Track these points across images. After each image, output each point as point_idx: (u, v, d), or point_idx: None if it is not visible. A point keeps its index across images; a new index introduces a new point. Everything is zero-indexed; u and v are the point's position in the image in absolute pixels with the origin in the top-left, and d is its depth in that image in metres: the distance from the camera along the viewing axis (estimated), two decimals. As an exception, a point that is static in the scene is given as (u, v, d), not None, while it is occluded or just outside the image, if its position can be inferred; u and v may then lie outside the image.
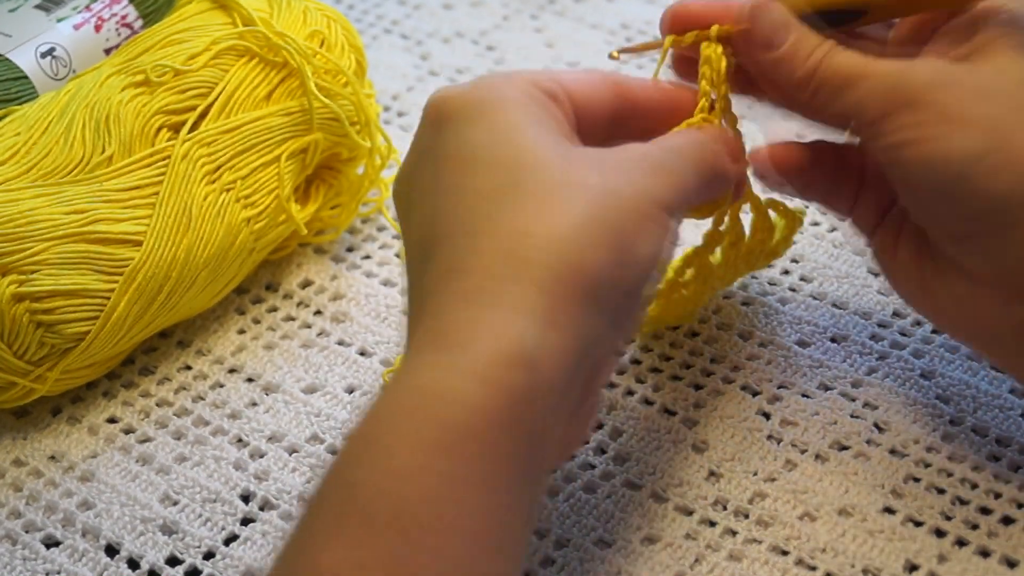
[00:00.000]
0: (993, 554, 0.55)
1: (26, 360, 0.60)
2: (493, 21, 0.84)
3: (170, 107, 0.64)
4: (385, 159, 0.71)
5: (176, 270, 0.62)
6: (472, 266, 0.46)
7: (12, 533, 0.58)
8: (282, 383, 0.64)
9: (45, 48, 0.70)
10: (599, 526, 0.56)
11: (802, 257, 0.67)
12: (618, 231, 0.47)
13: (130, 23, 0.71)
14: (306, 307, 0.67)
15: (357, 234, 0.71)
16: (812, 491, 0.57)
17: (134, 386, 0.64)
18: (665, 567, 0.55)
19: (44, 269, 0.59)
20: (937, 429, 0.59)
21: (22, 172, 0.61)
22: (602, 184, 0.47)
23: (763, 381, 0.62)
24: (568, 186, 0.47)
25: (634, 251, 0.47)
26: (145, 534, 0.58)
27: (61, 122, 0.63)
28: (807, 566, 0.55)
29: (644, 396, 0.61)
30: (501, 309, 0.45)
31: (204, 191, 0.63)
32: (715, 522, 0.56)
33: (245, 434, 0.62)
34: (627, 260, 0.47)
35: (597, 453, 0.59)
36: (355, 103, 0.67)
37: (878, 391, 0.61)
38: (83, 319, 0.60)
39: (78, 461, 0.61)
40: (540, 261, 0.46)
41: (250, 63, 0.65)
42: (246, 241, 0.64)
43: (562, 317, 0.45)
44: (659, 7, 0.84)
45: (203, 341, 0.66)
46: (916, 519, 0.56)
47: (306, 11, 0.68)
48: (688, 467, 0.58)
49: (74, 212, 0.60)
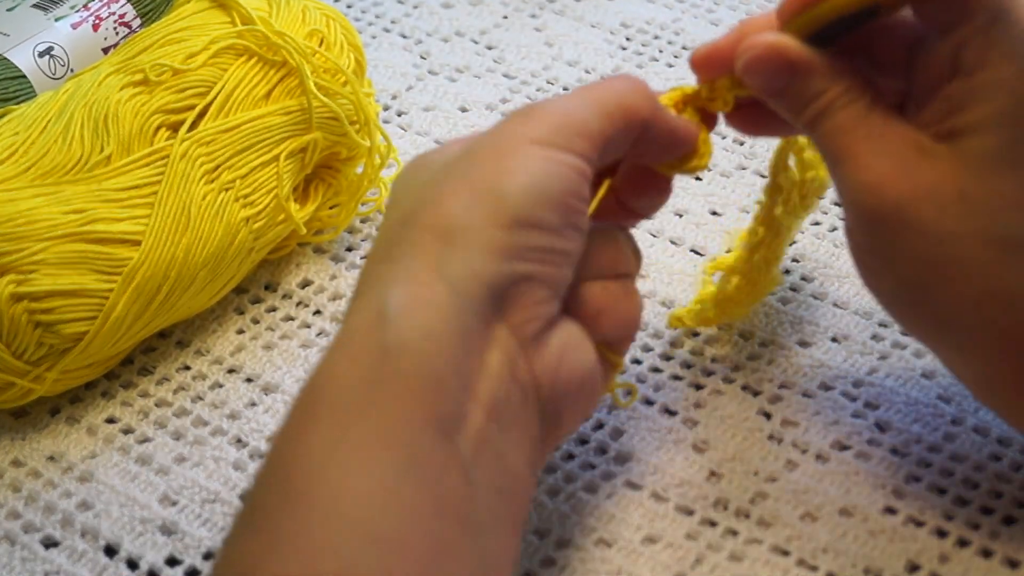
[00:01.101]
0: (995, 555, 0.55)
1: (24, 360, 0.60)
2: (493, 20, 0.83)
3: (169, 106, 0.63)
4: (384, 158, 0.71)
5: (175, 270, 0.62)
6: (378, 237, 0.50)
7: (11, 534, 0.58)
8: (281, 383, 0.64)
9: (43, 47, 0.70)
10: (600, 526, 0.56)
11: (803, 257, 0.67)
12: (478, 168, 0.49)
13: (128, 22, 0.71)
14: (305, 307, 0.67)
15: (356, 234, 0.71)
16: (813, 491, 0.57)
17: (133, 386, 0.64)
18: (666, 567, 0.55)
19: (42, 269, 0.59)
20: (938, 429, 0.59)
21: (20, 171, 0.61)
22: (470, 139, 0.51)
23: (764, 381, 0.61)
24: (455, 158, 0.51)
25: (499, 184, 0.48)
26: (144, 534, 0.58)
27: (59, 121, 0.63)
28: (808, 566, 0.55)
29: (644, 396, 0.61)
30: (375, 269, 0.49)
31: (203, 190, 0.63)
32: (716, 522, 0.56)
33: (244, 434, 0.61)
34: (491, 192, 0.48)
35: (598, 453, 0.59)
36: (354, 102, 0.67)
37: (879, 391, 0.61)
38: (82, 319, 0.60)
39: (77, 461, 0.61)
40: (412, 212, 0.49)
41: (249, 62, 0.65)
42: (245, 240, 0.64)
43: (424, 271, 0.47)
44: (659, 6, 0.84)
45: (202, 341, 0.66)
46: (917, 519, 0.56)
47: (305, 10, 0.68)
48: (689, 467, 0.58)
49: (72, 212, 0.60)
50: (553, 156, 0.49)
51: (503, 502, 0.47)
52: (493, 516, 0.47)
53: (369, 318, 0.47)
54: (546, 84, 0.79)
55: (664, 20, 0.83)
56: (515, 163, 0.49)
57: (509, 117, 0.51)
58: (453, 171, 0.49)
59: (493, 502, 0.46)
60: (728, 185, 0.71)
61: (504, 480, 0.47)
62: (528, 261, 0.48)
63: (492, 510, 0.46)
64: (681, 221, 0.70)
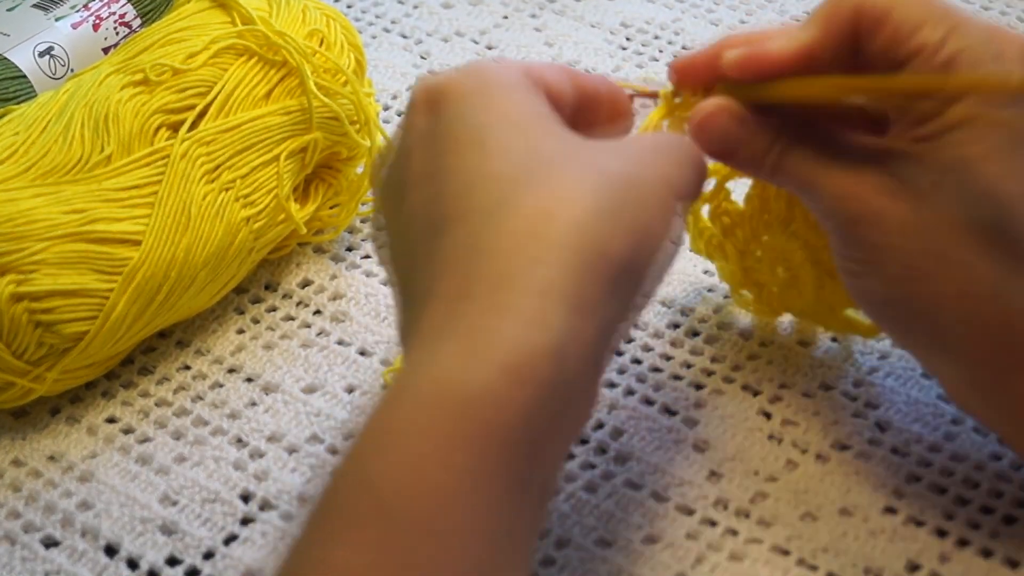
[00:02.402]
0: (995, 554, 0.55)
1: (25, 360, 0.60)
2: (493, 20, 0.83)
3: (169, 106, 0.63)
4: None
5: (175, 269, 0.62)
6: (493, 247, 0.45)
7: (11, 533, 0.58)
8: (281, 383, 0.64)
9: (43, 47, 0.70)
10: (600, 526, 0.56)
11: (803, 256, 0.67)
12: (639, 216, 0.46)
13: (128, 22, 0.71)
14: (305, 307, 0.67)
15: (357, 233, 0.71)
16: (813, 491, 0.57)
17: (133, 386, 0.64)
18: (666, 567, 0.55)
19: (43, 269, 0.59)
20: (939, 428, 0.59)
21: (20, 171, 0.61)
22: (623, 170, 0.47)
23: (764, 381, 0.61)
24: (589, 171, 0.46)
25: (651, 237, 0.47)
26: (144, 534, 0.58)
27: (60, 121, 0.63)
28: (808, 566, 0.55)
29: (645, 396, 0.61)
30: (529, 294, 0.43)
31: (203, 190, 0.63)
32: (716, 522, 0.56)
33: (244, 434, 0.61)
34: (645, 246, 0.46)
35: (598, 453, 0.59)
36: (354, 102, 0.67)
37: (879, 390, 0.61)
38: (82, 319, 0.60)
39: (77, 461, 0.61)
40: (568, 244, 0.44)
41: (249, 62, 0.65)
42: (245, 240, 0.64)
43: (588, 303, 0.44)
44: (659, 7, 0.84)
45: (202, 341, 0.66)
46: (918, 519, 0.56)
47: (305, 10, 0.68)
48: (689, 467, 0.58)
49: (73, 211, 0.60)
50: (680, 219, 0.49)
51: (543, 511, 0.47)
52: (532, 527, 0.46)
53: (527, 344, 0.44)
54: (546, 84, 0.79)
55: (664, 20, 0.83)
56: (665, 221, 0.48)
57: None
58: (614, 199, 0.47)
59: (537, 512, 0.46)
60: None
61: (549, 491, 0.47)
62: None
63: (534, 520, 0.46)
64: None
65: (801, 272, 0.60)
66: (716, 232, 0.61)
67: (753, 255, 0.61)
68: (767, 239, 0.60)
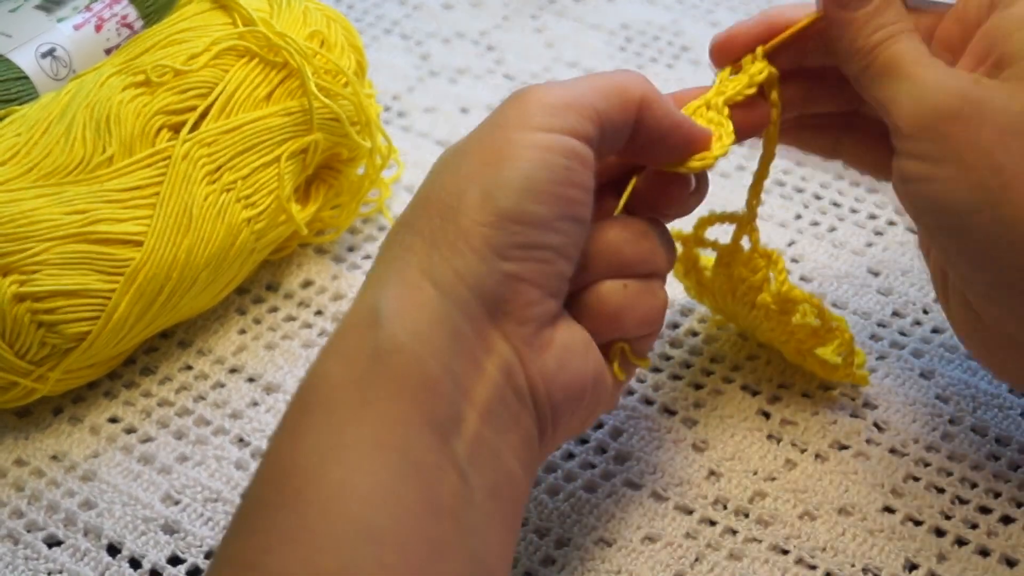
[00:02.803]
0: (993, 553, 0.55)
1: (27, 360, 0.60)
2: (493, 21, 0.84)
3: (170, 107, 0.64)
4: (385, 159, 0.71)
5: (177, 270, 0.62)
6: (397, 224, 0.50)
7: (14, 533, 0.58)
8: (283, 383, 0.64)
9: (45, 48, 0.70)
10: (599, 525, 0.57)
11: (802, 257, 0.68)
12: (466, 164, 0.49)
13: (130, 23, 0.71)
14: (307, 307, 0.67)
15: (358, 234, 0.71)
16: (812, 490, 0.57)
17: (135, 386, 0.64)
18: (665, 566, 0.55)
19: (45, 269, 0.59)
20: (936, 428, 0.59)
21: (23, 172, 0.62)
22: (479, 126, 0.50)
23: (763, 381, 0.62)
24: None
25: (484, 180, 0.48)
26: (147, 534, 0.58)
27: (62, 122, 0.63)
28: (807, 565, 0.55)
29: (644, 396, 0.62)
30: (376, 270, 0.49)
31: (204, 191, 0.63)
32: (715, 521, 0.57)
33: (246, 434, 0.62)
34: (477, 189, 0.48)
35: (597, 452, 0.59)
36: (355, 103, 0.67)
37: (877, 390, 0.61)
38: (84, 319, 0.60)
39: (80, 461, 0.61)
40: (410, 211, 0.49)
41: (250, 63, 0.65)
42: (247, 241, 0.64)
43: (414, 273, 0.47)
44: (659, 7, 0.85)
45: (204, 341, 0.66)
46: (916, 518, 0.56)
47: (306, 11, 0.68)
48: (688, 466, 0.58)
49: (75, 212, 0.60)
50: (542, 142, 0.48)
51: (497, 503, 0.47)
52: (487, 516, 0.47)
53: (363, 319, 0.47)
54: (546, 85, 0.79)
55: (664, 21, 0.83)
56: (502, 156, 0.48)
57: (505, 102, 0.50)
58: (446, 168, 0.50)
59: (487, 502, 0.47)
60: (728, 186, 0.71)
61: (499, 481, 0.47)
62: (514, 260, 0.48)
63: (486, 510, 0.47)
64: (680, 221, 0.69)
65: (771, 337, 0.60)
66: (691, 287, 0.62)
67: (727, 313, 0.62)
68: (733, 310, 0.60)
